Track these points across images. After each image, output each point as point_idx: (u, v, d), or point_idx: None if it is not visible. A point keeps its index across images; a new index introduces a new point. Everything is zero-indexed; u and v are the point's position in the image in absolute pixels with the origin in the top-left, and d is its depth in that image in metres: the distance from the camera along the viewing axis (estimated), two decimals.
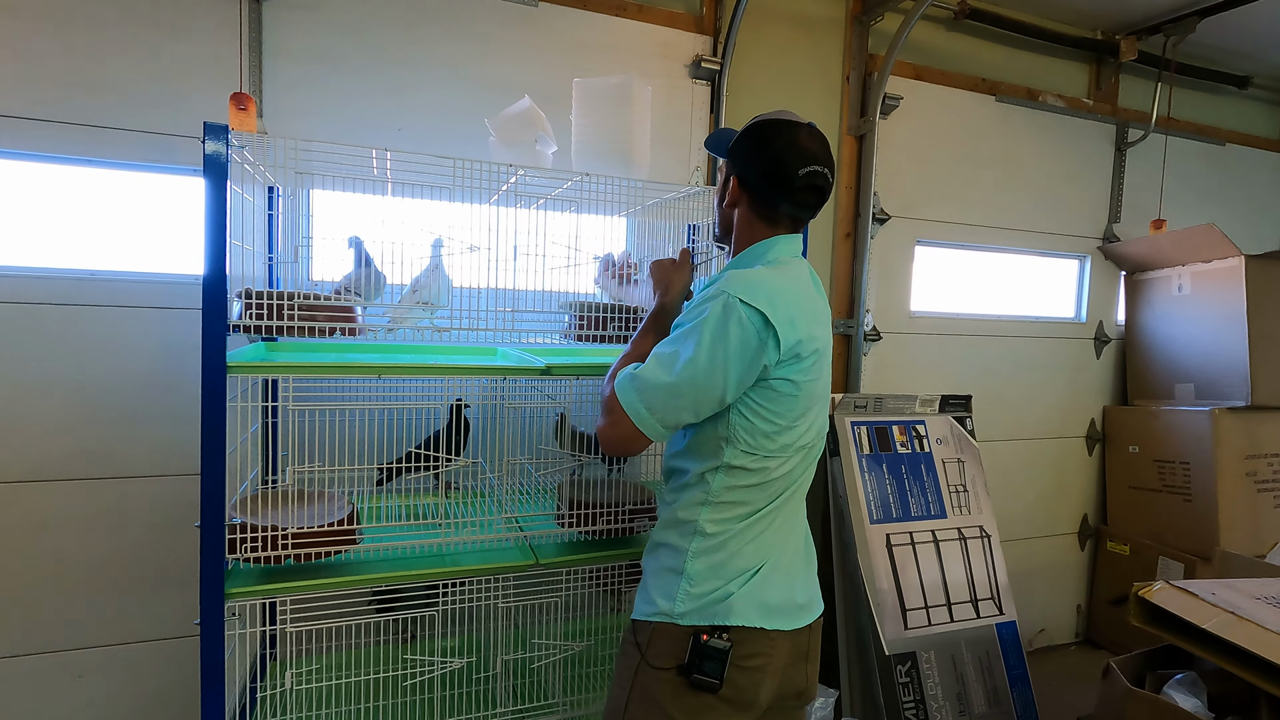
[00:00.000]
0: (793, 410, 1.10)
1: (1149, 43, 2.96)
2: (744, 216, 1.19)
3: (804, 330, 1.08)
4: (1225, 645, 1.59)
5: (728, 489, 1.12)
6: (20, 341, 1.75)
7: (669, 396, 1.07)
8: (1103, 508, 3.22)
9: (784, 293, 1.08)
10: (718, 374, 1.05)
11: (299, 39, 1.92)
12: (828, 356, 1.17)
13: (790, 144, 1.12)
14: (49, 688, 1.83)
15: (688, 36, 2.36)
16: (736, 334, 1.04)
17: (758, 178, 1.15)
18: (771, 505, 1.15)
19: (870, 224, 2.63)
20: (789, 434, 1.11)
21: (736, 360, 1.05)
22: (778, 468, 1.12)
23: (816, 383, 1.14)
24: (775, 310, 1.05)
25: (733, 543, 1.12)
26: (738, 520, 1.13)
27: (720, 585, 1.11)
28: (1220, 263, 2.79)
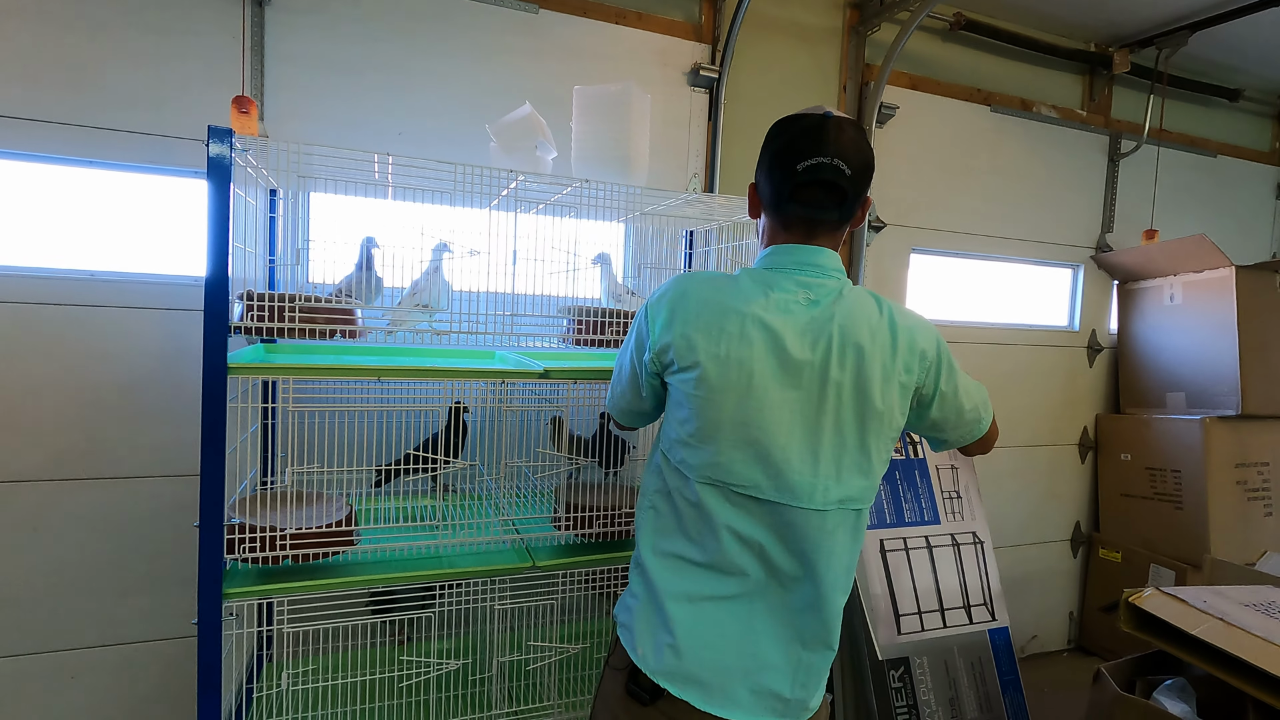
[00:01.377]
0: (688, 425, 1.00)
1: (1142, 55, 2.99)
2: (767, 222, 1.09)
3: (689, 339, 0.98)
4: (1214, 651, 1.60)
5: (658, 496, 1.07)
6: (21, 341, 1.75)
7: (614, 384, 1.21)
8: (1095, 515, 3.24)
9: (693, 295, 1.02)
10: (628, 367, 1.13)
11: (301, 43, 1.94)
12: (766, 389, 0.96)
13: (795, 138, 1.00)
14: (44, 688, 1.83)
15: (686, 45, 2.38)
16: (637, 331, 1.10)
17: (764, 177, 1.05)
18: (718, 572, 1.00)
19: (866, 231, 2.65)
20: (693, 451, 1.00)
21: (636, 356, 1.10)
22: (702, 496, 0.99)
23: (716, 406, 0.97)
24: (659, 309, 1.05)
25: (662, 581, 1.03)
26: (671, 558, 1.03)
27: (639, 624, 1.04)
28: (1211, 273, 2.82)
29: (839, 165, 0.98)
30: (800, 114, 1.03)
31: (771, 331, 0.97)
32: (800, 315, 0.99)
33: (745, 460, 0.97)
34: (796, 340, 0.97)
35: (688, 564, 1.02)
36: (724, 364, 0.97)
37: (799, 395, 0.97)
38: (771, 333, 0.97)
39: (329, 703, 1.61)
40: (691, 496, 1.01)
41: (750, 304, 0.98)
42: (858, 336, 0.98)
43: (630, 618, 1.06)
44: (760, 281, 1.02)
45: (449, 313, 1.53)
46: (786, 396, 0.96)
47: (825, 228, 1.04)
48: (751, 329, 0.97)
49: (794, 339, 0.97)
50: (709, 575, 1.01)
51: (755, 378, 0.96)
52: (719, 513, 0.99)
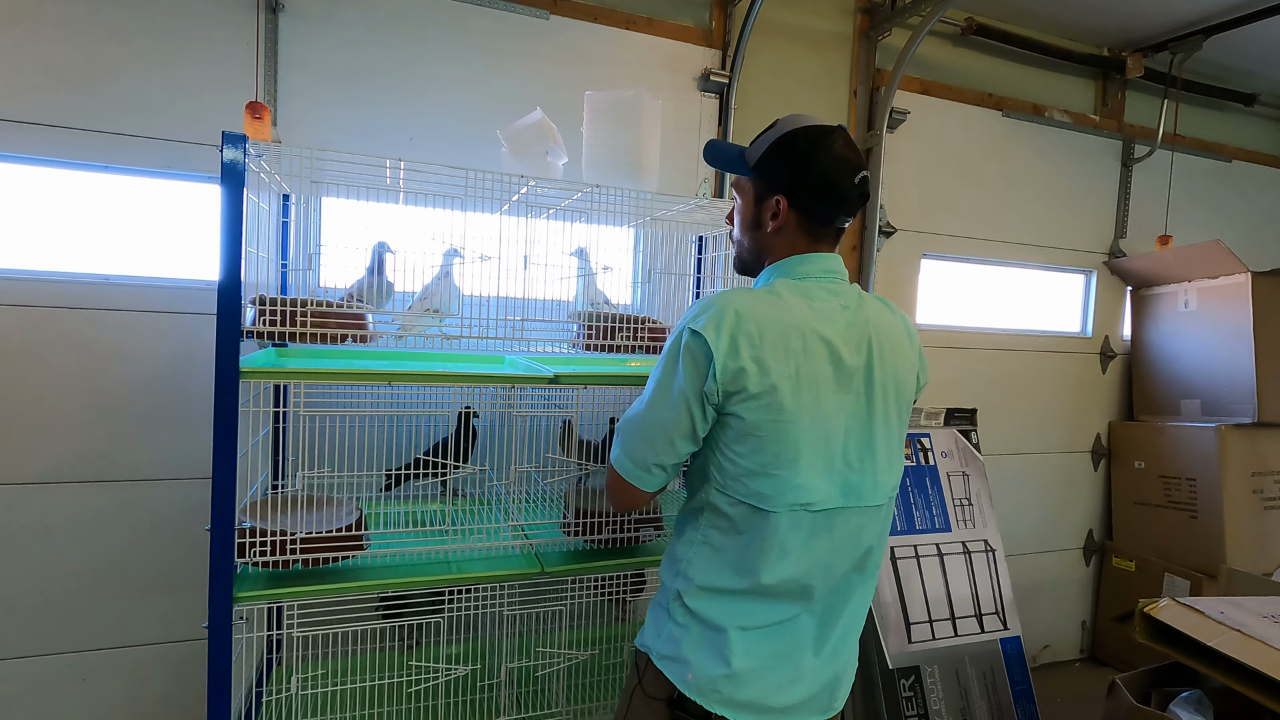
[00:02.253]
0: (760, 454, 0.97)
1: (1156, 60, 2.97)
2: (789, 237, 1.07)
3: (761, 362, 0.95)
4: (1232, 664, 1.58)
5: (714, 531, 1.04)
6: (35, 344, 1.77)
7: (641, 437, 1.04)
8: (1108, 523, 3.21)
9: (750, 315, 0.97)
10: (680, 407, 0.99)
11: (314, 50, 1.95)
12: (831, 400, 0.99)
13: (839, 153, 1.03)
14: (55, 689, 1.84)
15: (697, 50, 2.38)
16: (687, 365, 0.98)
17: (810, 193, 1.04)
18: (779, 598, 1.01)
19: (876, 237, 2.64)
20: (770, 481, 0.97)
21: (692, 391, 0.98)
22: (778, 524, 0.98)
23: (793, 427, 0.97)
24: (720, 334, 0.96)
25: (717, 615, 1.02)
26: (733, 598, 1.01)
27: (693, 656, 1.03)
28: (1227, 279, 2.80)
29: (868, 175, 1.07)
30: (824, 125, 1.05)
31: (827, 342, 1.00)
32: (841, 322, 1.02)
33: (822, 474, 0.99)
34: (846, 347, 1.01)
35: (747, 595, 1.01)
36: (797, 383, 0.97)
37: (852, 399, 1.01)
38: (827, 344, 1.00)
39: (338, 707, 1.61)
40: (765, 527, 0.98)
41: (803, 317, 1.00)
42: (887, 336, 1.05)
43: (677, 648, 1.04)
44: (800, 294, 1.03)
45: (459, 317, 1.53)
46: (843, 402, 1.00)
47: (839, 237, 1.11)
48: (813, 343, 0.99)
49: (844, 346, 1.01)
50: (770, 603, 1.02)
51: (821, 390, 0.98)
52: (794, 538, 0.99)
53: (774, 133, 1.07)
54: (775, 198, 1.06)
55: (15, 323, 1.75)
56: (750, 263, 1.14)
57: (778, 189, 1.06)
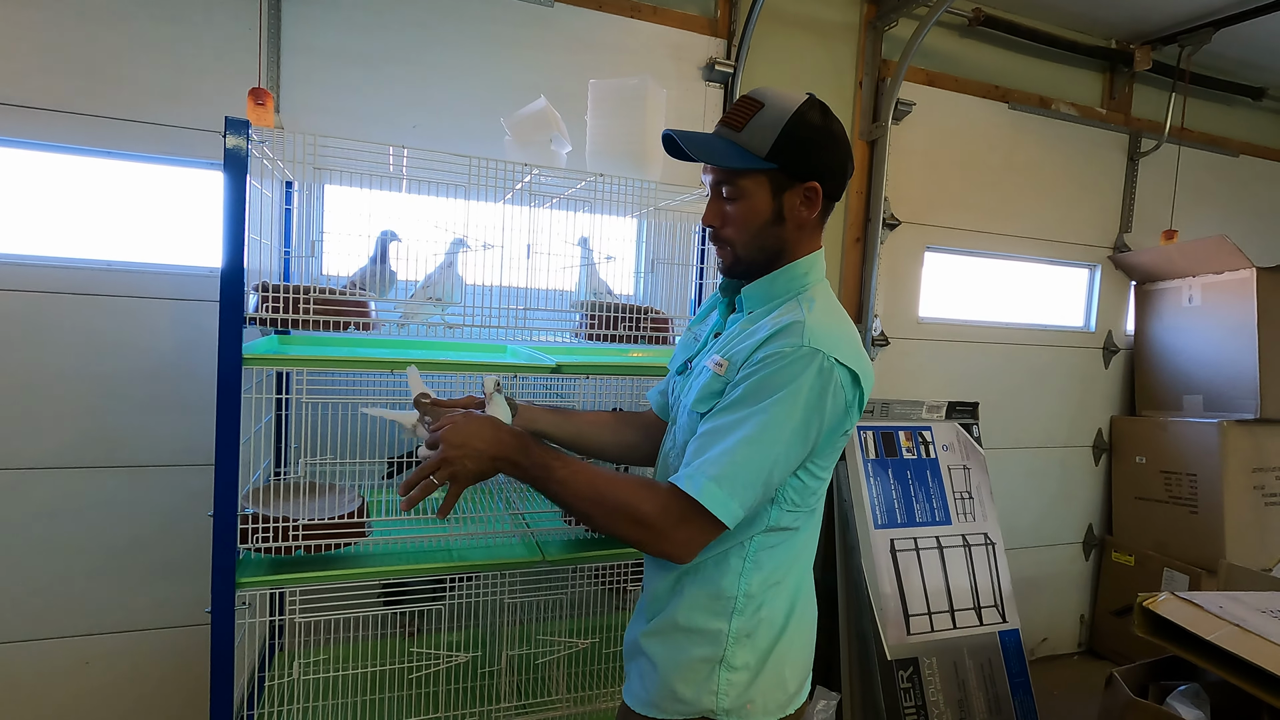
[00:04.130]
0: (833, 460, 1.00)
1: (1164, 53, 2.95)
2: (811, 229, 1.01)
3: (867, 378, 0.97)
4: (1230, 657, 1.59)
5: (766, 551, 0.98)
6: (37, 330, 1.77)
7: (758, 479, 0.88)
8: (1108, 518, 3.21)
9: (856, 337, 0.98)
10: (807, 446, 0.91)
11: (317, 35, 1.94)
12: None
13: (844, 134, 1.00)
14: (59, 673, 1.85)
15: (702, 39, 2.36)
16: (832, 403, 0.90)
17: (840, 171, 0.98)
18: (806, 570, 1.05)
19: (880, 229, 2.63)
20: (824, 484, 1.01)
21: (829, 429, 0.92)
22: (812, 520, 1.03)
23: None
24: (862, 365, 0.94)
25: (776, 616, 1.00)
26: (775, 587, 1.00)
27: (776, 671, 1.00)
28: (1232, 274, 2.78)
29: None
30: (810, 96, 0.98)
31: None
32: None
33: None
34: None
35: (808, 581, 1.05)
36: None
37: None
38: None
39: (339, 693, 1.62)
40: (810, 526, 1.03)
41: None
42: None
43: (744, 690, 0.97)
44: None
45: (461, 306, 1.53)
46: None
47: None
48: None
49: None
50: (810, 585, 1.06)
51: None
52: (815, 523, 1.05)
53: (775, 113, 0.94)
54: (807, 185, 0.95)
55: (18, 308, 1.75)
56: (759, 263, 1.00)
57: (807, 174, 0.95)
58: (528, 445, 0.95)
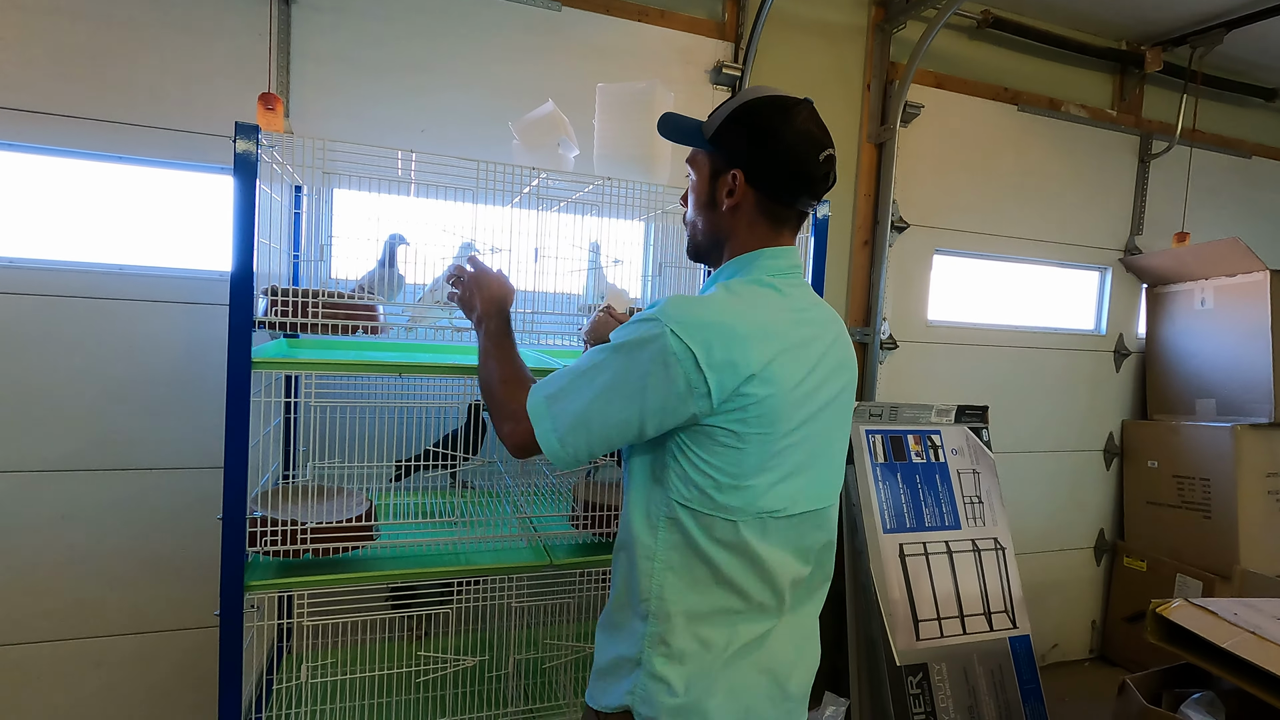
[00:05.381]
0: (739, 465, 0.89)
1: (1175, 54, 2.93)
2: (747, 219, 0.98)
3: (754, 372, 0.87)
4: (1245, 666, 1.56)
5: (677, 551, 0.92)
6: (48, 334, 1.78)
7: (575, 425, 0.92)
8: (1120, 523, 3.18)
9: (739, 328, 0.88)
10: (632, 412, 0.89)
11: (326, 41, 1.95)
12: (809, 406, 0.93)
13: (803, 126, 0.94)
14: (68, 675, 1.86)
15: (709, 42, 2.36)
16: (660, 374, 0.87)
17: (772, 170, 0.95)
18: (762, 613, 0.94)
19: (889, 232, 2.62)
20: (739, 493, 0.90)
21: (655, 402, 0.88)
22: (745, 534, 0.90)
23: (771, 436, 0.90)
24: (713, 351, 0.86)
25: (706, 640, 0.92)
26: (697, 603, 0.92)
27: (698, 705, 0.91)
28: (1245, 277, 2.76)
29: (834, 155, 0.98)
30: (788, 96, 0.96)
31: (814, 344, 0.95)
32: (817, 322, 0.98)
33: (789, 480, 0.92)
34: (828, 349, 0.97)
35: (731, 615, 0.93)
36: (791, 390, 0.90)
37: (818, 403, 0.95)
38: (814, 346, 0.95)
39: (347, 696, 1.62)
40: (730, 538, 0.91)
41: (787, 321, 0.93)
42: (843, 337, 1.03)
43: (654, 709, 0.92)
44: (778, 291, 0.95)
45: None
46: (812, 407, 0.94)
47: (805, 221, 1.04)
48: (801, 348, 0.93)
49: (827, 347, 0.97)
50: (750, 620, 0.94)
51: (811, 395, 0.93)
52: (761, 547, 0.91)
53: (735, 101, 0.97)
54: (732, 172, 0.96)
55: (31, 311, 1.77)
56: (705, 246, 1.04)
57: (735, 162, 0.96)
58: (507, 313, 1.17)
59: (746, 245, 0.99)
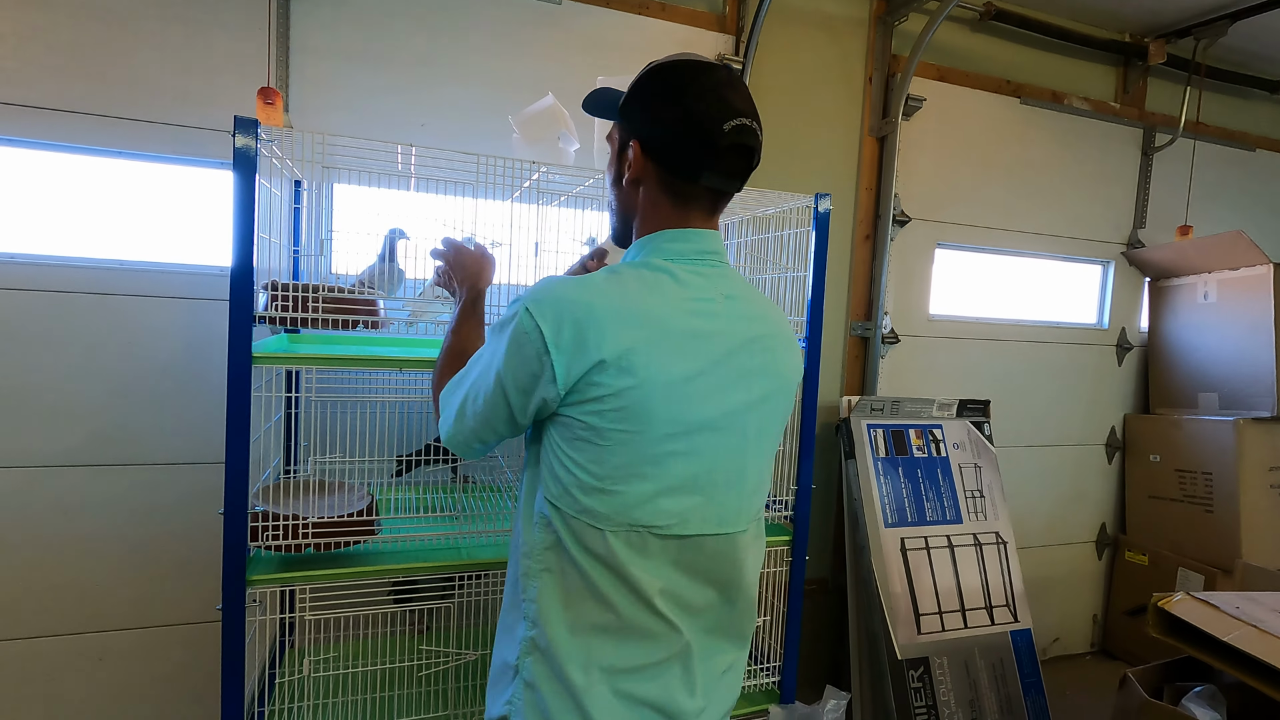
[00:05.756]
0: (600, 465, 0.79)
1: (1179, 46, 2.91)
2: (649, 196, 0.89)
3: (605, 358, 0.77)
4: (1247, 659, 1.56)
5: (550, 553, 0.84)
6: (50, 329, 1.78)
7: (460, 412, 0.89)
8: (1121, 517, 3.18)
9: (599, 308, 0.78)
10: (499, 396, 0.83)
11: (326, 35, 1.94)
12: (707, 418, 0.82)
13: (708, 92, 0.83)
14: (73, 669, 1.87)
15: (710, 35, 2.35)
16: (515, 354, 0.81)
17: (668, 139, 0.84)
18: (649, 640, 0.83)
19: (890, 226, 2.61)
20: (605, 499, 0.80)
21: (514, 385, 0.82)
22: (614, 547, 0.81)
23: (644, 437, 0.79)
24: (562, 331, 0.78)
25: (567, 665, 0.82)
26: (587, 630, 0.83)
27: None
28: (1248, 270, 2.75)
29: (756, 129, 0.85)
30: (699, 60, 0.86)
31: (712, 340, 0.83)
32: (726, 317, 0.85)
33: (672, 494, 0.82)
34: (737, 348, 0.85)
35: (608, 634, 0.83)
36: (667, 386, 0.79)
37: (726, 408, 0.84)
38: (712, 341, 0.83)
39: (348, 689, 1.62)
40: (599, 549, 0.81)
41: (673, 309, 0.82)
42: (774, 336, 0.90)
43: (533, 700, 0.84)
44: (671, 277, 0.84)
45: None
46: (713, 411, 0.83)
47: (724, 204, 0.91)
48: (683, 340, 0.81)
49: (735, 346, 0.85)
50: (631, 644, 0.83)
51: (686, 396, 0.81)
52: (637, 566, 0.81)
53: (646, 68, 0.89)
54: (632, 143, 0.88)
55: (31, 307, 1.77)
56: (619, 228, 0.96)
57: (634, 132, 0.88)
58: (480, 289, 1.15)
59: (649, 225, 0.89)
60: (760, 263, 1.92)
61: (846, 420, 2.45)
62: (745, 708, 1.69)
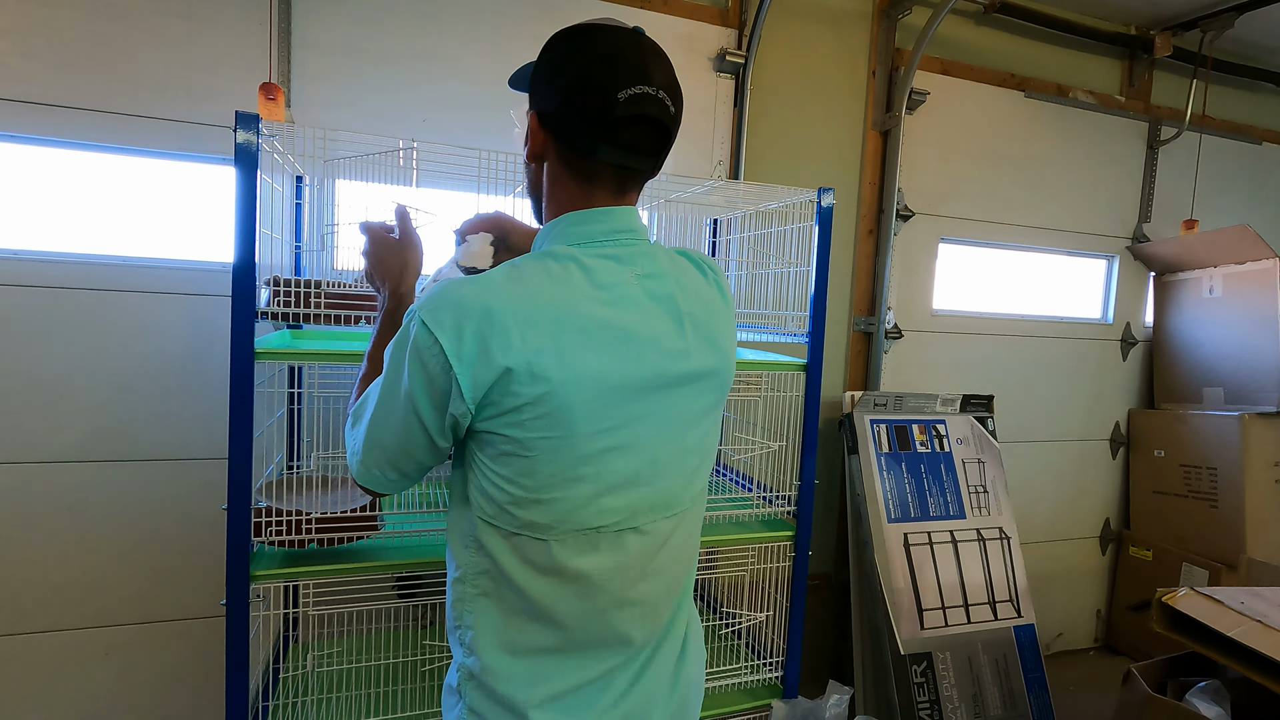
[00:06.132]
0: (532, 477, 0.74)
1: (1185, 38, 2.89)
2: (552, 174, 0.82)
3: (513, 366, 0.71)
4: (1251, 654, 1.56)
5: (485, 579, 0.79)
6: (53, 325, 1.79)
7: (369, 444, 0.80)
8: (1125, 512, 3.17)
9: (500, 311, 0.72)
10: (412, 419, 0.76)
11: (327, 31, 1.94)
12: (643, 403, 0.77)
13: (602, 58, 0.76)
14: (77, 664, 1.88)
15: (712, 29, 2.34)
16: (418, 371, 0.73)
17: (561, 110, 0.78)
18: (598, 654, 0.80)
19: (894, 220, 2.60)
20: (546, 509, 0.75)
21: (424, 404, 0.75)
22: (559, 557, 0.76)
23: (573, 440, 0.73)
24: (463, 340, 0.71)
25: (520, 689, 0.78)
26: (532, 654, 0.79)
27: None
28: (1254, 264, 2.73)
29: (664, 99, 0.77)
30: (601, 24, 0.79)
31: (635, 328, 0.77)
32: (644, 301, 0.79)
33: (617, 492, 0.77)
34: (664, 329, 0.79)
35: (552, 654, 0.79)
36: (591, 383, 0.73)
37: (654, 394, 0.78)
38: (636, 329, 0.77)
39: (352, 684, 1.63)
40: (544, 561, 0.77)
41: (586, 301, 0.75)
42: (701, 309, 0.83)
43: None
44: (581, 266, 0.77)
45: None
46: (643, 400, 0.77)
47: (636, 182, 0.83)
48: (606, 332, 0.75)
49: (654, 329, 0.78)
50: (577, 658, 0.80)
51: (639, 390, 0.76)
52: (582, 567, 0.77)
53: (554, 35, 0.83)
54: (530, 114, 0.82)
55: (35, 303, 1.77)
56: (534, 209, 0.90)
57: (534, 104, 0.82)
58: (403, 290, 0.99)
59: (555, 205, 0.83)
60: (763, 258, 1.91)
61: (849, 416, 2.44)
62: (748, 702, 1.70)
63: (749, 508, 1.77)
